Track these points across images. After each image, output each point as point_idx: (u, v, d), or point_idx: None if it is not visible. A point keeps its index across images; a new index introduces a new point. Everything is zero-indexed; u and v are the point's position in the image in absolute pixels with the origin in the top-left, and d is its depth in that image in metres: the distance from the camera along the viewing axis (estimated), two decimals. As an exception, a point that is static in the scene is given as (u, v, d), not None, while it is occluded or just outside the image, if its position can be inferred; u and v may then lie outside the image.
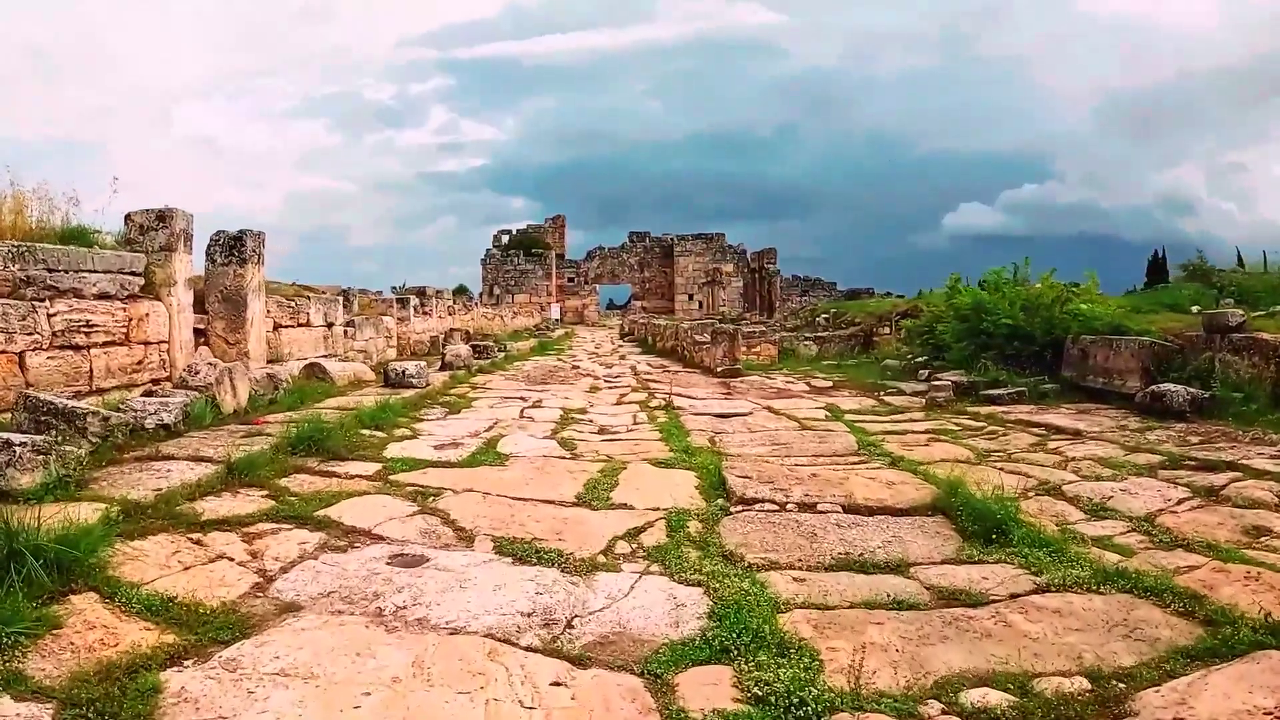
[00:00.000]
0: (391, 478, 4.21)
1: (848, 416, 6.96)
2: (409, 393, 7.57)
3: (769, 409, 7.33)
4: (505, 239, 45.77)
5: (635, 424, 6.42)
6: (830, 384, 9.90)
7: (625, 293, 47.27)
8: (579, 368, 12.87)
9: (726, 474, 4.07)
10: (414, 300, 13.87)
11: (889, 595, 2.65)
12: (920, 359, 11.18)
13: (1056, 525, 3.54)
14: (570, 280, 44.53)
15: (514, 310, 31.40)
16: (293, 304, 9.04)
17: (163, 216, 6.86)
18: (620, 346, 20.52)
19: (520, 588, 2.58)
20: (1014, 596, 2.73)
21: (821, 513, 3.56)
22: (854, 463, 4.81)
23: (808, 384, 9.95)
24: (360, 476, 4.22)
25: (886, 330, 15.31)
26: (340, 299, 10.41)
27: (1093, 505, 3.87)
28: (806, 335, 16.17)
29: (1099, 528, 3.56)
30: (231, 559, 2.90)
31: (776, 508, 3.56)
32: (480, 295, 41.49)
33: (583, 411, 7.16)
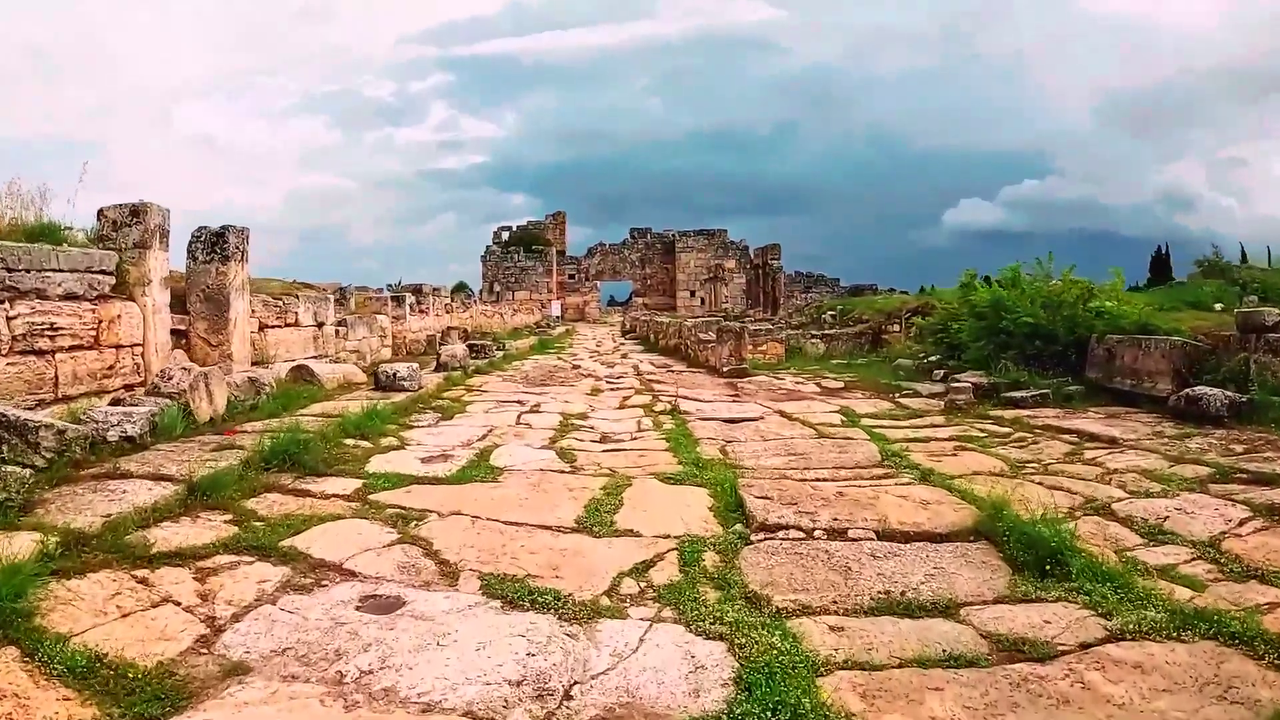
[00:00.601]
0: (371, 497, 3.82)
1: (865, 421, 6.57)
2: (400, 397, 7.18)
3: (781, 413, 6.93)
4: (505, 236, 45.36)
5: (640, 431, 6.03)
6: (841, 385, 9.51)
7: (626, 289, 46.84)
8: (580, 367, 12.47)
9: (744, 494, 3.67)
10: (410, 298, 13.43)
11: (943, 649, 2.26)
12: (933, 358, 10.79)
13: (1114, 552, 3.16)
14: (571, 277, 44.13)
15: (514, 308, 30.99)
16: (279, 303, 8.64)
17: (136, 211, 6.46)
18: (622, 344, 20.12)
19: (509, 646, 2.18)
20: (1085, 647, 2.34)
21: (853, 540, 3.17)
22: (880, 477, 4.42)
23: (818, 385, 9.55)
24: (337, 496, 3.83)
25: (896, 328, 14.90)
26: (331, 297, 10.01)
27: (1148, 527, 3.49)
28: (813, 333, 15.76)
29: (1160, 555, 3.17)
30: (178, 603, 2.51)
31: (803, 535, 3.17)
32: (480, 292, 41.12)
33: (583, 417, 6.76)
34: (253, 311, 8.20)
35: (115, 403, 5.33)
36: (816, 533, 3.20)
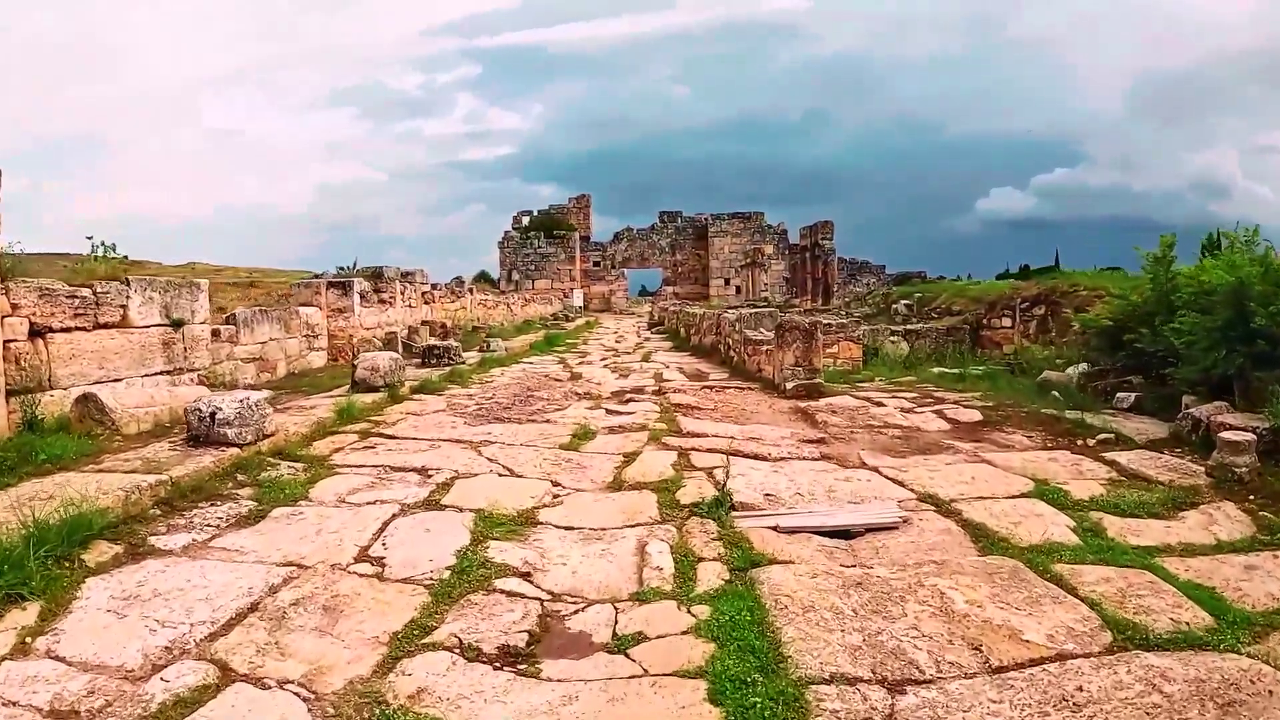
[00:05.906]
0: None
1: (1119, 533, 3.09)
2: (206, 460, 3.84)
3: (934, 503, 3.45)
4: (525, 220, 41.96)
5: (639, 594, 2.55)
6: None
7: (657, 279, 43.11)
8: (580, 378, 9.02)
9: None
10: (359, 284, 10.07)
11: None
12: (1083, 368, 7.20)
13: None
14: (596, 264, 40.66)
15: (526, 297, 27.61)
16: (82, 293, 5.34)
17: None
18: (646, 340, 16.62)
19: None
20: None
21: None
22: None
23: (940, 414, 6.02)
24: None
25: (1005, 322, 11.25)
26: (204, 283, 6.71)
27: None
28: (889, 329, 12.14)
29: None
30: None
31: None
32: (499, 281, 37.75)
33: (525, 524, 3.29)
34: (14, 306, 4.92)
35: None
36: None
